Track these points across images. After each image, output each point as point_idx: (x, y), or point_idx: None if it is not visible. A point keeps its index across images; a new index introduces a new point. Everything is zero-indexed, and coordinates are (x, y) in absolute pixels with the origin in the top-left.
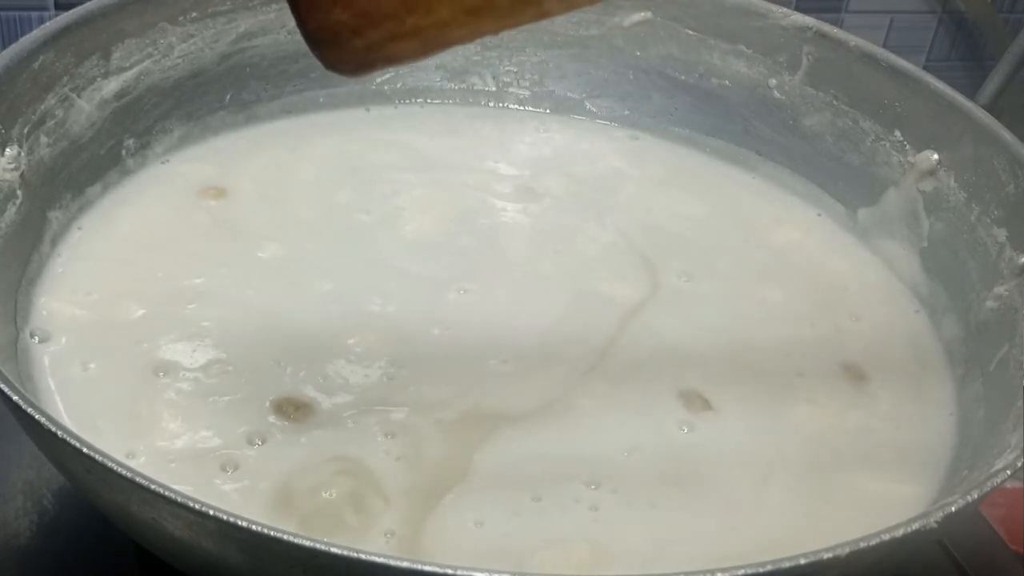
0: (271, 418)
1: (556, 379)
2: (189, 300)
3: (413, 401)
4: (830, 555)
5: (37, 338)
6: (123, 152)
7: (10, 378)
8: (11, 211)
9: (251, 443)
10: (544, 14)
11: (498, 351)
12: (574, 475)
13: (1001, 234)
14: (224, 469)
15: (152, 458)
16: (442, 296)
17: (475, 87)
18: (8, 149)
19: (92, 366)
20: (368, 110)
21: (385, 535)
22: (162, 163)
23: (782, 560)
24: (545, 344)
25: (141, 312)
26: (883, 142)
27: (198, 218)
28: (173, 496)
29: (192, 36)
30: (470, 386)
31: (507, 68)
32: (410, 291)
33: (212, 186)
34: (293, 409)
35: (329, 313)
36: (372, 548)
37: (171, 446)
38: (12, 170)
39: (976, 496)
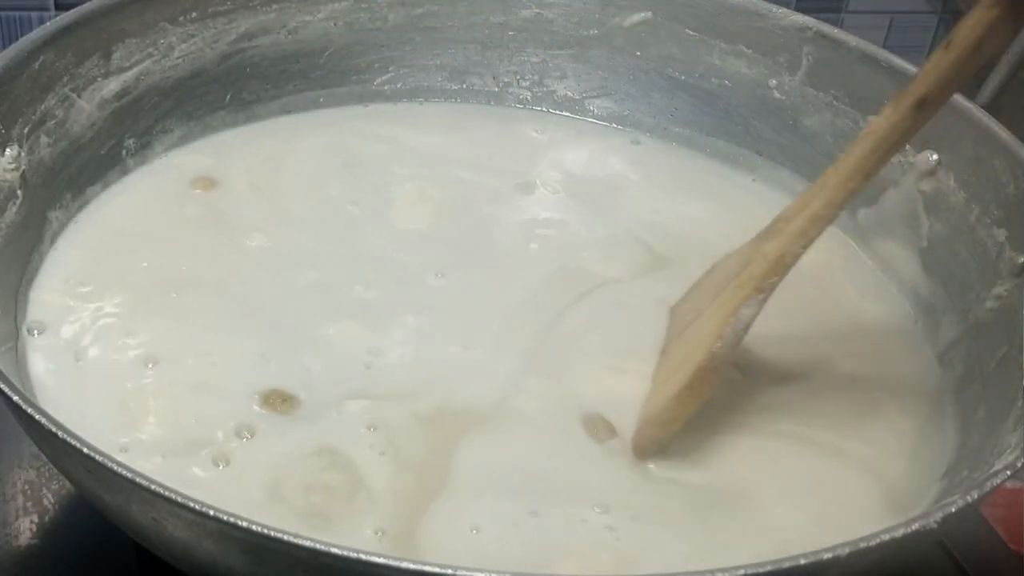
0: (258, 410)
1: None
2: (178, 291)
3: (390, 393)
4: (830, 555)
5: (36, 332)
6: (123, 152)
7: (10, 378)
8: (11, 211)
9: (240, 436)
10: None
11: (478, 340)
12: None
13: (1001, 234)
14: (216, 463)
15: (144, 452)
16: (421, 283)
17: (475, 87)
18: (8, 149)
19: (84, 358)
20: (367, 107)
21: (376, 532)
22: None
23: (782, 560)
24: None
25: (131, 303)
26: None
27: (190, 209)
28: (173, 496)
29: (192, 36)
30: (441, 375)
31: (507, 68)
32: (391, 279)
33: (204, 177)
34: (280, 401)
35: (312, 302)
36: (362, 545)
37: (162, 440)
38: (12, 170)
39: (976, 496)
